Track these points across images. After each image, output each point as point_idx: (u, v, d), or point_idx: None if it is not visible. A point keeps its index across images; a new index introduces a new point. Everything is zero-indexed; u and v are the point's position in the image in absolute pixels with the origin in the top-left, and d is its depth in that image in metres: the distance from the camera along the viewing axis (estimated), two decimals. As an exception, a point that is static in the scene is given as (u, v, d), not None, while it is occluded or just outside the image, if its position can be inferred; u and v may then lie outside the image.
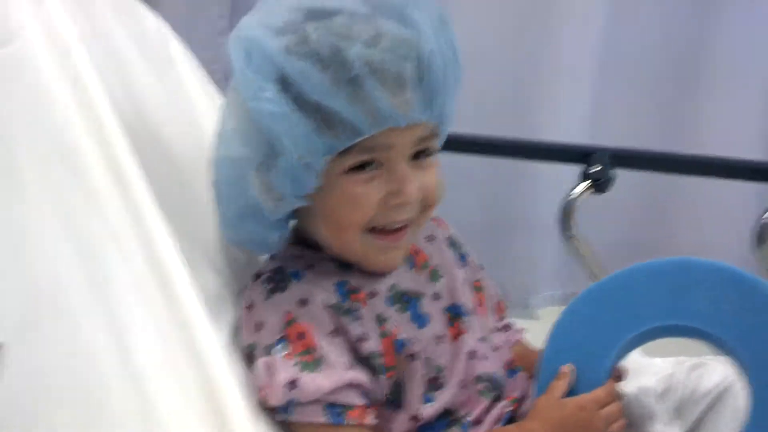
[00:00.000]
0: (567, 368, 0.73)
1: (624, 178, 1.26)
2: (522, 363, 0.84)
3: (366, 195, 0.70)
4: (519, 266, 1.75)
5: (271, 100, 0.65)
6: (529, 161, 1.53)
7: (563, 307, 0.78)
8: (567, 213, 1.27)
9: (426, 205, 0.74)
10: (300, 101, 0.66)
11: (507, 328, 0.91)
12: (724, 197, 1.64)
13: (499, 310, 0.90)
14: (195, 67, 1.07)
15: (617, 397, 0.73)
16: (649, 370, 0.90)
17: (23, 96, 0.68)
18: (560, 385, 0.73)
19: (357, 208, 0.70)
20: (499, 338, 0.85)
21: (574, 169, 1.25)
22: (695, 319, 0.73)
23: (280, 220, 0.74)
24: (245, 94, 0.68)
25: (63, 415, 0.57)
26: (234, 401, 0.62)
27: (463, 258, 0.86)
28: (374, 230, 0.72)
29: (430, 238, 0.85)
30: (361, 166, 0.69)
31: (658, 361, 1.08)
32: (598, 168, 1.23)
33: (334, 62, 0.64)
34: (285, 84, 0.66)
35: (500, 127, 1.56)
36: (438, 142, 0.75)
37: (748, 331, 0.71)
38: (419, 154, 0.72)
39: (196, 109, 0.97)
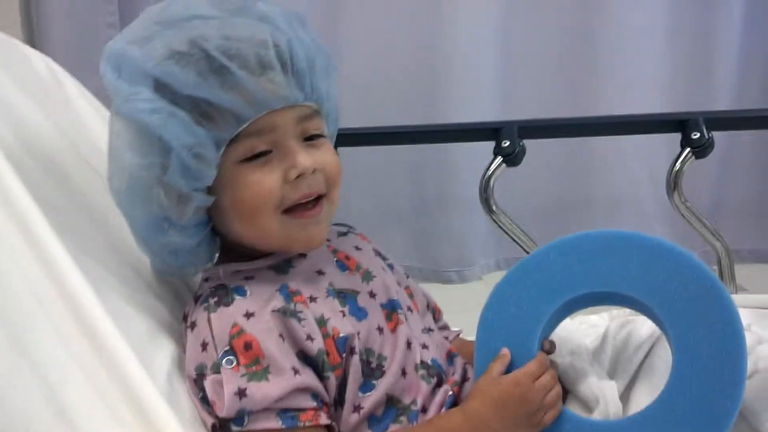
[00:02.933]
0: (505, 350, 0.77)
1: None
2: (461, 354, 0.88)
3: (264, 177, 0.73)
4: (452, 241, 1.79)
5: (145, 100, 0.69)
6: (445, 144, 1.55)
7: (502, 273, 0.82)
8: (485, 189, 1.30)
9: (329, 179, 0.77)
10: (175, 100, 0.69)
11: (445, 328, 0.95)
12: (633, 153, 1.70)
13: (436, 312, 0.94)
14: (92, 101, 1.05)
15: (549, 367, 0.77)
16: (580, 332, 0.93)
17: None
18: (497, 365, 0.76)
19: (260, 191, 0.73)
20: (438, 335, 0.89)
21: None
22: (610, 285, 0.78)
23: (196, 227, 0.76)
24: (119, 103, 0.71)
25: None
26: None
27: (390, 267, 0.89)
28: (289, 211, 0.75)
29: (358, 248, 0.88)
30: (254, 156, 0.73)
31: (593, 318, 1.12)
32: (507, 143, 1.25)
33: (195, 57, 0.69)
34: (158, 86, 0.70)
35: (417, 116, 1.60)
36: (323, 124, 0.79)
37: (660, 290, 0.75)
38: (309, 138, 0.76)
39: (97, 140, 0.96)
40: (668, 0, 1.70)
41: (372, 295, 0.81)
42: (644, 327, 0.87)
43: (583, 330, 0.99)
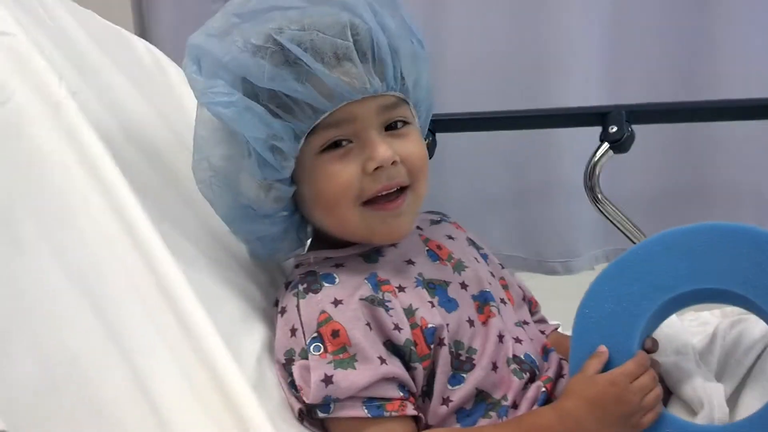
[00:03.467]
0: (603, 348, 0.73)
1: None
2: (558, 349, 0.85)
3: (343, 169, 0.72)
4: (557, 231, 1.74)
5: (221, 93, 0.70)
6: (549, 129, 1.50)
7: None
8: (591, 177, 1.25)
9: (413, 170, 0.75)
10: (253, 92, 0.70)
11: (542, 321, 0.92)
12: (755, 139, 1.59)
13: (533, 305, 0.92)
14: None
15: (650, 366, 0.73)
16: (688, 330, 0.88)
17: (18, 155, 0.70)
18: (593, 363, 0.73)
19: (338, 183, 0.73)
20: (533, 328, 0.86)
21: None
22: (717, 282, 0.73)
23: (280, 215, 0.77)
24: (199, 97, 0.72)
25: None
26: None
27: (485, 257, 0.87)
28: (370, 203, 0.74)
29: (450, 237, 0.86)
30: (333, 145, 0.72)
31: (704, 315, 1.06)
32: (615, 128, 1.20)
33: (270, 50, 0.69)
34: (235, 79, 0.70)
35: (520, 101, 1.56)
36: (410, 112, 0.77)
37: None
38: (392, 126, 0.75)
39: None
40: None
41: (463, 286, 0.80)
42: (757, 327, 0.82)
43: (691, 328, 0.94)
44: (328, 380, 0.69)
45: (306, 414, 0.72)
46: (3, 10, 0.77)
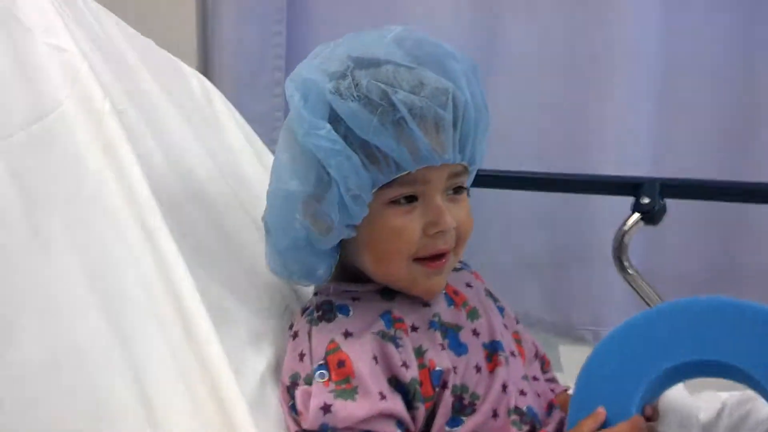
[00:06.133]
0: (601, 409, 0.73)
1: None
2: (563, 409, 0.84)
3: (407, 226, 0.75)
4: (588, 298, 1.72)
5: (325, 137, 0.71)
6: (581, 194, 1.51)
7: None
8: (619, 246, 1.25)
9: (460, 235, 0.78)
10: (349, 139, 0.71)
11: (552, 381, 0.92)
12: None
13: (545, 363, 0.92)
14: (240, 123, 1.11)
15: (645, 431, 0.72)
16: (696, 405, 0.87)
17: (57, 165, 0.74)
18: (589, 423, 0.72)
19: (401, 238, 0.75)
20: (542, 385, 0.87)
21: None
22: (721, 355, 0.73)
23: (329, 251, 0.79)
24: (300, 131, 0.73)
25: None
26: None
27: (500, 310, 0.88)
28: (418, 259, 0.77)
29: (469, 285, 0.87)
30: (399, 200, 0.75)
31: (723, 395, 1.04)
32: (648, 200, 1.20)
33: (382, 105, 0.71)
34: (336, 123, 0.72)
35: (558, 163, 1.57)
36: (468, 180, 0.80)
37: None
38: (453, 190, 0.77)
39: (240, 165, 1.02)
40: None
41: (475, 333, 0.81)
42: (766, 407, 0.81)
43: (700, 403, 0.92)
44: (326, 409, 0.70)
45: None
46: (61, 25, 0.82)
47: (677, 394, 0.82)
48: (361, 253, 0.78)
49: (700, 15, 1.57)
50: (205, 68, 1.69)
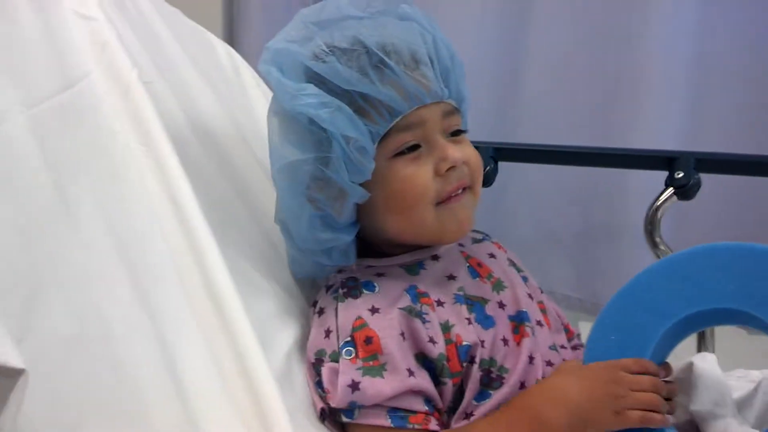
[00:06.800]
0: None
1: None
2: None
3: (418, 171, 0.75)
4: (617, 275, 1.70)
5: (313, 95, 0.72)
6: (613, 169, 1.49)
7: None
8: (652, 221, 1.23)
9: (473, 171, 0.79)
10: (336, 94, 0.72)
11: (578, 347, 0.91)
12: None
13: (569, 332, 0.91)
14: (267, 94, 1.11)
15: (657, 377, 0.72)
16: (731, 385, 0.86)
17: (86, 135, 0.74)
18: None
19: (416, 184, 0.75)
20: (569, 353, 0.85)
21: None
22: (719, 301, 0.73)
23: (350, 225, 0.79)
24: (286, 98, 0.73)
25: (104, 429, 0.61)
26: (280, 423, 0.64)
27: (524, 279, 0.87)
28: (440, 202, 0.76)
29: (492, 256, 0.86)
30: (403, 151, 0.75)
31: (754, 373, 1.02)
32: (681, 174, 1.18)
33: (357, 53, 0.72)
34: (319, 83, 0.72)
35: (590, 136, 1.54)
36: (463, 122, 0.81)
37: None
38: (452, 134, 0.78)
39: (263, 128, 1.01)
40: None
41: (501, 305, 0.80)
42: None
43: (733, 382, 0.91)
44: (354, 386, 0.70)
45: (328, 415, 0.73)
46: None
47: (711, 373, 0.80)
48: (382, 217, 0.78)
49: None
50: (231, 39, 1.69)
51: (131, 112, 0.75)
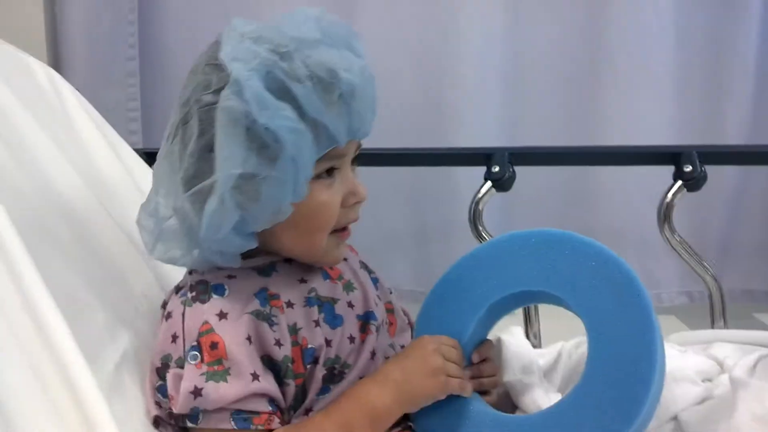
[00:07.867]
0: None
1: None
2: None
3: (332, 199, 0.76)
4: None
5: (289, 119, 0.71)
6: (437, 167, 1.58)
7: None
8: (474, 214, 1.32)
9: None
10: (303, 118, 0.71)
11: None
12: (633, 184, 1.70)
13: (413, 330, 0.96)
14: (92, 114, 1.10)
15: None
16: (536, 351, 0.94)
17: None
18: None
19: (328, 212, 0.77)
20: None
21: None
22: (525, 284, 0.81)
23: (256, 233, 0.77)
24: (264, 115, 0.70)
25: None
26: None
27: (375, 281, 0.90)
28: (333, 232, 0.79)
29: (344, 259, 0.88)
30: (321, 174, 0.76)
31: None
32: (497, 168, 1.28)
33: (331, 84, 0.72)
34: (289, 102, 0.71)
35: (416, 139, 1.63)
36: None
37: (581, 287, 0.77)
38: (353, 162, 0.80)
39: (92, 157, 1.02)
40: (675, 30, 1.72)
41: (350, 305, 0.83)
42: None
43: (540, 350, 1.00)
44: (197, 392, 0.71)
45: (169, 421, 0.74)
46: None
47: (518, 344, 0.89)
48: (280, 231, 0.77)
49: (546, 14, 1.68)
50: (56, 60, 1.65)
51: None
